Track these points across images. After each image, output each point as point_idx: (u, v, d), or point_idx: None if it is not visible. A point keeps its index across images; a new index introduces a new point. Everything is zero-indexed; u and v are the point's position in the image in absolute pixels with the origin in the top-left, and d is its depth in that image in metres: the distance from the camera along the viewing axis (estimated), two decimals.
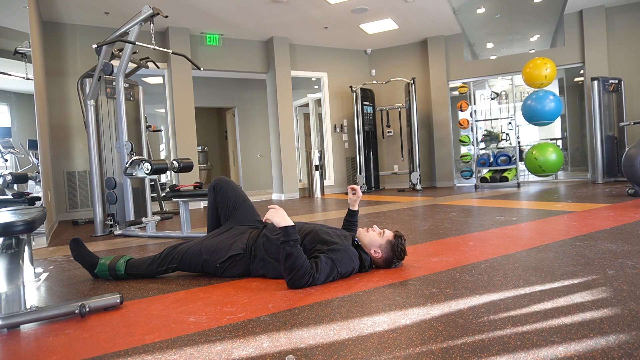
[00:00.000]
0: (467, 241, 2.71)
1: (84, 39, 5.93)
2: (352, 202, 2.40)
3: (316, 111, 9.01)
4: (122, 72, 3.71)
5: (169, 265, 2.15)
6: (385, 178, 8.43)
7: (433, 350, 1.18)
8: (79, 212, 5.84)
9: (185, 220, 3.53)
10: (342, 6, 6.07)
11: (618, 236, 2.59)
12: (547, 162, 6.74)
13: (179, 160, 3.31)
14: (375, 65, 8.40)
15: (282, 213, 1.87)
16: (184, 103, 6.57)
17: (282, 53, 7.32)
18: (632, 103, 6.74)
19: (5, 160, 3.50)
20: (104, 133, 4.28)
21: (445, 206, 4.74)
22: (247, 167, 9.83)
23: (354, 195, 2.37)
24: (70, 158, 5.88)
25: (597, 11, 6.82)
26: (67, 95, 5.84)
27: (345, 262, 1.94)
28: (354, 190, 2.36)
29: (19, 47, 3.62)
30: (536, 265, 2.01)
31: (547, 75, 6.61)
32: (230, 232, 2.21)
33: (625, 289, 1.61)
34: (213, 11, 5.95)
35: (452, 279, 1.88)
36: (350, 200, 2.39)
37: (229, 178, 2.54)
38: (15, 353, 1.35)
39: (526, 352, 1.13)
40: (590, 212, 3.67)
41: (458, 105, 7.33)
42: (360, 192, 2.37)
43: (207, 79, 8.79)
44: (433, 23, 7.11)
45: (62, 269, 2.57)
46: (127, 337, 1.40)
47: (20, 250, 1.64)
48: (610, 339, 1.19)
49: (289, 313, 1.55)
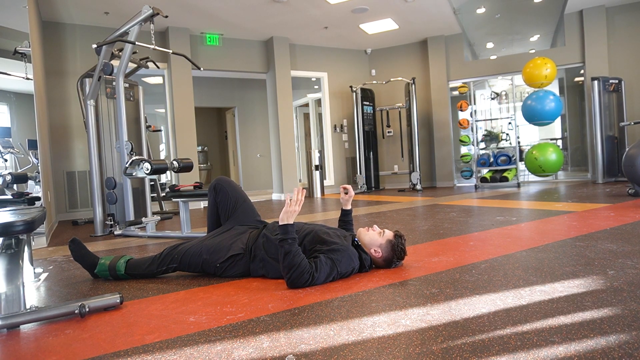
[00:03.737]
0: (467, 241, 2.71)
1: (84, 39, 5.93)
2: (345, 201, 2.40)
3: (316, 111, 9.01)
4: (122, 72, 3.71)
5: (169, 265, 2.15)
6: (385, 178, 8.43)
7: (433, 350, 1.18)
8: (79, 212, 5.84)
9: (185, 220, 3.53)
10: (342, 6, 6.07)
11: (618, 236, 2.58)
12: (547, 162, 6.74)
13: (179, 160, 3.31)
14: (375, 65, 8.40)
15: (292, 211, 1.85)
16: (184, 103, 6.57)
17: (282, 53, 7.32)
18: (632, 103, 6.74)
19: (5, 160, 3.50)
20: (104, 133, 4.28)
21: (446, 206, 4.74)
22: (247, 167, 9.83)
23: (346, 194, 2.37)
24: (70, 158, 5.88)
25: (597, 11, 6.82)
26: (67, 95, 5.84)
27: (345, 262, 1.94)
28: (346, 190, 2.36)
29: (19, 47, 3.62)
30: (536, 265, 2.01)
31: (547, 75, 6.61)
32: (230, 232, 2.21)
33: (625, 289, 1.60)
34: (213, 11, 5.95)
35: (452, 279, 1.87)
36: (342, 199, 2.40)
37: (229, 178, 2.54)
38: (15, 353, 1.35)
39: (526, 352, 1.13)
40: (590, 212, 3.67)
41: (458, 105, 7.33)
42: (352, 192, 2.37)
43: (207, 79, 8.79)
44: (433, 23, 7.11)
45: (62, 269, 2.56)
46: (127, 337, 1.40)
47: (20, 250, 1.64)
48: (610, 339, 1.18)
49: (289, 313, 1.55)
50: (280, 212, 1.87)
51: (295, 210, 1.84)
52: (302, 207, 1.92)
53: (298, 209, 1.85)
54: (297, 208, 1.85)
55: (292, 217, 1.86)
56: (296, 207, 1.85)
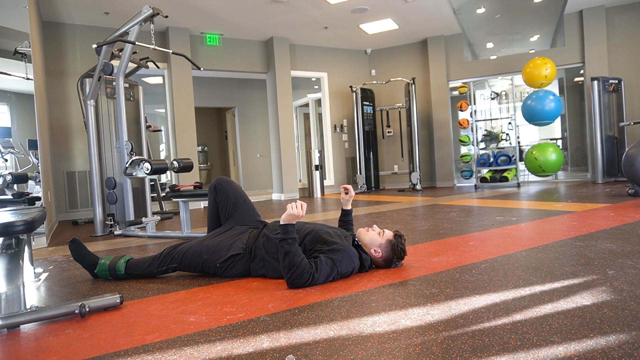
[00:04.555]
0: (467, 241, 2.71)
1: (84, 39, 5.93)
2: (345, 201, 2.40)
3: (316, 111, 9.01)
4: (122, 72, 3.71)
5: (169, 265, 2.15)
6: (385, 178, 8.43)
7: (433, 350, 1.18)
8: (79, 212, 5.84)
9: (185, 220, 3.53)
10: (342, 6, 6.07)
11: (618, 236, 2.58)
12: (547, 162, 6.74)
13: (179, 160, 3.31)
14: (375, 65, 8.40)
15: (295, 213, 1.84)
16: (184, 103, 6.57)
17: (282, 53, 7.32)
18: (632, 103, 6.74)
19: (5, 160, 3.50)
20: (104, 133, 4.28)
21: (445, 206, 4.74)
22: (247, 167, 9.83)
23: (347, 194, 2.37)
24: (70, 158, 5.88)
25: (597, 11, 6.82)
26: (67, 95, 5.84)
27: (346, 262, 1.94)
28: (347, 190, 2.36)
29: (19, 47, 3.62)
30: (536, 265, 2.01)
31: (547, 75, 6.61)
32: (230, 232, 2.21)
33: (625, 289, 1.60)
34: (213, 11, 5.95)
35: (452, 279, 1.88)
36: (343, 199, 2.40)
37: (229, 178, 2.54)
38: (15, 353, 1.35)
39: (526, 352, 1.13)
40: (590, 212, 3.67)
41: (458, 105, 7.33)
42: (352, 192, 2.38)
43: (207, 79, 8.78)
44: (433, 23, 7.11)
45: (62, 269, 2.57)
46: (127, 337, 1.40)
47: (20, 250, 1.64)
48: (610, 339, 1.18)
49: (289, 313, 1.55)
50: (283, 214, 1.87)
51: (299, 215, 1.84)
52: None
53: (303, 214, 1.85)
54: (302, 213, 1.85)
55: (295, 220, 1.86)
56: (301, 212, 1.84)
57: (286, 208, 1.86)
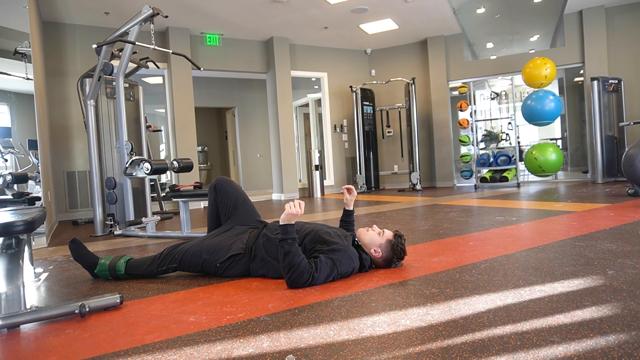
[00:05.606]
0: (467, 241, 2.71)
1: (84, 39, 5.93)
2: (348, 202, 2.40)
3: (316, 111, 9.01)
4: (122, 72, 3.71)
5: (169, 265, 2.15)
6: (385, 178, 8.43)
7: (433, 350, 1.18)
8: (79, 212, 5.84)
9: (185, 220, 3.53)
10: (342, 6, 6.07)
11: (618, 236, 2.59)
12: (547, 162, 6.74)
13: (179, 160, 3.31)
14: (375, 65, 8.40)
15: (294, 212, 1.84)
16: (184, 103, 6.57)
17: (282, 53, 7.32)
18: (632, 103, 6.74)
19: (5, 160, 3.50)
20: (104, 133, 4.28)
21: (445, 206, 4.74)
22: (247, 167, 9.83)
23: (350, 195, 2.37)
24: (70, 158, 5.88)
25: (597, 11, 6.82)
26: (67, 95, 5.84)
27: (346, 262, 1.94)
28: (349, 190, 2.36)
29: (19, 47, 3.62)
30: (536, 265, 2.01)
31: (547, 75, 6.61)
32: (230, 232, 2.21)
33: (625, 289, 1.61)
34: (213, 11, 5.95)
35: (452, 279, 1.88)
36: (345, 200, 2.40)
37: (229, 178, 2.54)
38: (15, 353, 1.35)
39: (526, 352, 1.13)
40: (590, 212, 3.67)
41: (458, 105, 7.33)
42: (355, 192, 2.38)
43: (207, 79, 8.78)
44: (433, 23, 7.11)
45: (62, 269, 2.57)
46: (127, 337, 1.40)
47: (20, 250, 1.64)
48: (610, 339, 1.19)
49: (289, 313, 1.55)
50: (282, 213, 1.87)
51: (298, 213, 1.84)
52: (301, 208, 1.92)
53: (301, 213, 1.85)
54: (301, 212, 1.85)
55: (294, 219, 1.86)
56: (300, 210, 1.84)
57: (284, 208, 1.86)
